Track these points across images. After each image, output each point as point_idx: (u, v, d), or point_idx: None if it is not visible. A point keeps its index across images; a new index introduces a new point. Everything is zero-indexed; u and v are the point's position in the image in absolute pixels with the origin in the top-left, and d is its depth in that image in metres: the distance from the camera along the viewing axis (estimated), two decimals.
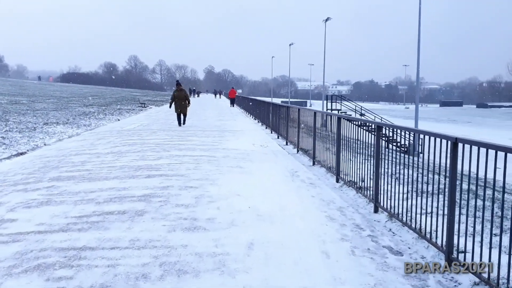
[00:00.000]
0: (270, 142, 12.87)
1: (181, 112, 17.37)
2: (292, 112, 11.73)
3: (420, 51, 30.55)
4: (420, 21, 30.11)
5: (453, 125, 58.73)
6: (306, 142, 9.94)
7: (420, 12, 29.99)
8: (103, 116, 24.64)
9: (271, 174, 7.65)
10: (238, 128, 17.40)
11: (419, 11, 29.95)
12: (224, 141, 12.64)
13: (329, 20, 55.65)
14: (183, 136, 13.48)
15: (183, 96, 17.29)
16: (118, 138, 13.32)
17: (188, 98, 17.53)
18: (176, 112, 17.49)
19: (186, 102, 17.40)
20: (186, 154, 9.69)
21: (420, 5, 29.37)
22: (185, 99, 17.34)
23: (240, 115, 26.78)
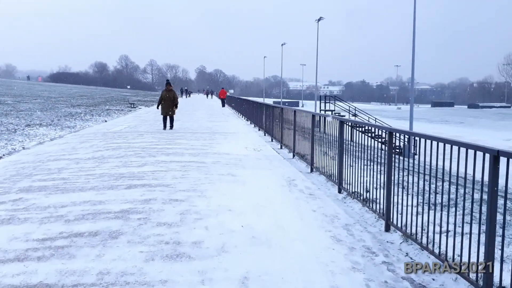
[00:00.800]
0: (264, 145, 12.16)
1: (167, 115, 16.04)
2: (287, 114, 11.03)
3: (415, 52, 30.03)
4: (415, 22, 29.63)
5: (446, 126, 58.45)
6: (303, 146, 9.25)
7: (415, 13, 29.50)
8: (90, 117, 23.78)
9: (266, 183, 6.94)
10: (230, 130, 16.67)
11: (414, 13, 29.45)
12: (215, 144, 11.91)
13: (321, 20, 55.14)
14: (171, 139, 12.73)
15: (171, 97, 16.01)
16: (102, 141, 12.53)
17: (176, 100, 16.16)
18: (162, 114, 16.21)
19: (173, 104, 16.03)
20: (173, 160, 8.94)
21: (415, 7, 28.85)
22: (173, 101, 15.99)
23: (232, 116, 26.06)
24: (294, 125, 9.89)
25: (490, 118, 75.14)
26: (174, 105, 16.01)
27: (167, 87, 16.30)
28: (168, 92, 16.16)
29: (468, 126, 58.30)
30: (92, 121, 21.28)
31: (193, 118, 23.55)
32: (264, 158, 9.79)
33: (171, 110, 15.95)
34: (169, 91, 16.19)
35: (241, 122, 21.38)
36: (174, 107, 16.03)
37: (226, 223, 4.72)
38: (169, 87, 16.28)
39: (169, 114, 15.99)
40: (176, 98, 16.20)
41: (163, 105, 16.04)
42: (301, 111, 9.76)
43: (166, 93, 16.11)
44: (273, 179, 7.35)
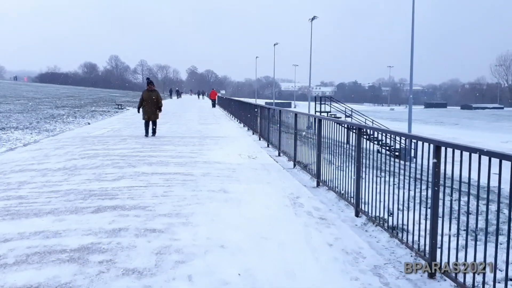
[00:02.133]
0: (260, 152, 10.96)
1: (150, 119, 13.74)
2: (286, 117, 9.84)
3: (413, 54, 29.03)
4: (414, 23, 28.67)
5: (441, 127, 57.80)
6: (306, 155, 8.05)
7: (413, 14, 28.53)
8: (73, 119, 22.40)
9: (265, 202, 5.73)
10: (221, 134, 15.44)
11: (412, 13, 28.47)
12: (205, 151, 10.69)
13: (315, 19, 54.12)
14: (156, 145, 11.48)
15: (154, 99, 13.78)
16: (79, 147, 11.25)
17: (160, 102, 14.02)
18: (144, 119, 13.84)
19: (157, 107, 13.85)
20: (156, 171, 7.71)
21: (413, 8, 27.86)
22: (156, 103, 13.78)
23: (223, 118, 24.82)
24: (295, 130, 8.70)
25: (484, 120, 74.68)
26: (157, 108, 13.90)
27: (149, 87, 14.04)
28: (151, 92, 13.94)
29: (464, 128, 57.67)
30: (74, 124, 19.93)
31: (182, 120, 22.29)
32: (261, 167, 8.59)
33: (154, 114, 13.79)
34: (152, 91, 13.98)
35: (234, 125, 20.17)
36: (157, 111, 13.94)
37: (217, 269, 3.51)
38: (151, 87, 14.04)
39: (152, 118, 13.78)
40: (160, 100, 14.08)
41: (145, 108, 13.80)
42: (303, 115, 8.58)
43: (148, 94, 13.87)
44: (274, 196, 6.15)
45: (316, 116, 7.32)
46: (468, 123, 67.50)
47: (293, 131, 9.26)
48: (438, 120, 72.34)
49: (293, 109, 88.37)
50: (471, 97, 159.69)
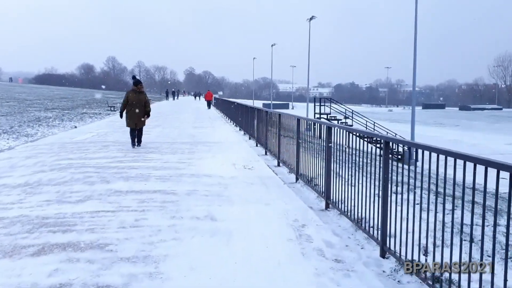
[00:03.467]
0: (257, 161, 9.71)
1: (136, 127, 11.46)
2: (288, 122, 8.60)
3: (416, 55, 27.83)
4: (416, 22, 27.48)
5: (442, 129, 56.69)
6: (311, 168, 6.80)
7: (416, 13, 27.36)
8: (59, 122, 21.11)
9: (264, 236, 4.47)
10: (215, 138, 14.19)
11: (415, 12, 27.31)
12: (195, 160, 9.44)
13: (313, 19, 52.93)
14: (140, 153, 10.23)
15: (141, 102, 11.47)
16: (54, 156, 9.99)
17: (148, 106, 11.68)
18: (128, 126, 11.52)
19: (144, 112, 11.56)
20: (131, 189, 6.45)
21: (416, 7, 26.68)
22: (143, 107, 11.50)
23: (219, 121, 23.55)
24: (298, 137, 7.44)
25: (484, 121, 73.72)
26: (145, 114, 11.60)
27: (137, 87, 11.59)
28: (138, 94, 11.54)
29: (465, 129, 56.55)
30: (60, 128, 18.64)
31: (175, 122, 21.03)
32: (258, 182, 7.33)
33: (141, 120, 11.50)
34: (139, 93, 11.56)
35: (229, 128, 18.91)
36: (145, 116, 11.63)
37: None
38: (139, 87, 11.61)
39: (138, 125, 11.48)
40: (148, 103, 11.71)
41: (129, 113, 11.42)
42: (308, 121, 7.31)
43: (134, 96, 11.46)
44: (274, 224, 4.90)
45: (325, 123, 6.06)
46: (468, 124, 66.48)
47: (294, 137, 8.03)
48: (437, 122, 71.26)
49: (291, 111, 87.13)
50: (468, 98, 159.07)
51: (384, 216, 4.05)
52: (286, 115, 8.75)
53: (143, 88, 11.75)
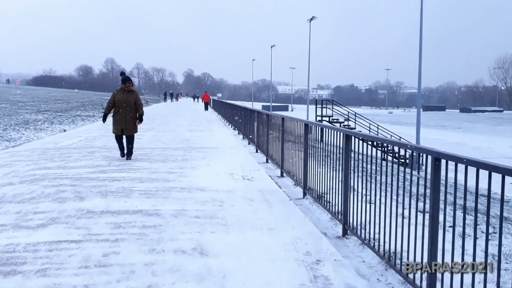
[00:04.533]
0: (257, 170, 8.65)
1: (125, 134, 9.43)
2: (293, 127, 7.54)
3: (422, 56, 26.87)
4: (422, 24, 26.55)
5: (444, 132, 55.76)
6: (321, 180, 5.75)
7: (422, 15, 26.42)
8: (48, 125, 20.05)
9: (269, 281, 3.41)
10: (212, 143, 13.13)
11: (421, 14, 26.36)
12: (187, 169, 8.39)
13: (314, 20, 51.93)
14: (128, 162, 9.16)
15: (131, 103, 9.44)
16: (31, 164, 8.93)
17: (140, 107, 9.62)
18: (114, 132, 9.52)
19: (135, 115, 9.54)
20: (108, 209, 5.39)
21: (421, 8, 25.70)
22: (134, 109, 9.49)
23: (216, 124, 22.49)
24: (306, 147, 6.39)
25: (486, 123, 72.84)
26: (136, 118, 9.59)
27: (125, 85, 9.54)
28: (127, 94, 9.48)
29: (467, 132, 55.60)
30: (47, 131, 17.58)
31: (170, 126, 19.97)
32: (259, 197, 6.28)
33: (131, 126, 9.46)
34: (128, 92, 9.49)
35: (227, 132, 17.85)
36: (137, 121, 9.62)
37: None
38: (129, 85, 9.53)
39: (128, 132, 9.41)
40: (140, 105, 9.64)
41: (116, 116, 9.44)
42: (319, 126, 6.25)
43: (122, 96, 9.44)
44: (280, 260, 3.85)
45: (343, 130, 5.00)
46: (470, 126, 65.59)
47: (301, 144, 7.00)
48: (439, 124, 70.33)
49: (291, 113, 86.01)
50: (468, 100, 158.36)
51: (433, 251, 3.01)
52: (291, 119, 7.69)
53: (133, 86, 9.73)
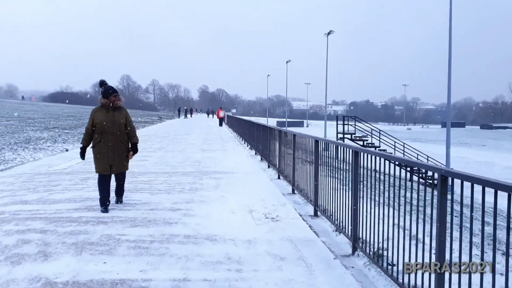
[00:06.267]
0: (282, 204, 6.91)
1: (113, 172, 6.39)
2: (330, 151, 5.79)
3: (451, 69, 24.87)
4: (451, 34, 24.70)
5: (469, 150, 53.21)
6: (380, 228, 3.99)
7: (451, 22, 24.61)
8: (51, 144, 18.59)
9: None
10: (226, 166, 11.43)
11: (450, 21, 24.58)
12: (196, 204, 6.69)
13: (331, 34, 50.40)
14: (125, 189, 7.50)
15: (118, 125, 6.30)
16: (6, 196, 7.35)
17: (133, 132, 6.52)
18: (98, 171, 6.32)
19: (127, 144, 6.48)
20: (76, 277, 3.69)
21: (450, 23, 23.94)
22: (124, 134, 6.39)
23: (231, 142, 20.80)
24: (356, 182, 4.64)
25: (510, 140, 69.89)
26: (128, 148, 6.52)
27: (110, 100, 6.33)
28: (112, 113, 6.32)
29: (494, 150, 52.99)
30: (48, 151, 16.10)
31: (181, 144, 18.36)
32: (291, 254, 4.53)
33: (120, 159, 6.38)
34: (115, 110, 6.36)
35: (243, 152, 16.15)
36: (129, 153, 6.54)
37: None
38: (114, 100, 6.33)
39: (116, 170, 6.37)
40: (133, 128, 6.55)
41: (99, 147, 6.24)
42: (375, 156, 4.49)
43: (106, 116, 6.27)
44: None
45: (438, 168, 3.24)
46: (495, 144, 62.88)
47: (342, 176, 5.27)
48: (461, 141, 67.63)
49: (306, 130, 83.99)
50: (487, 116, 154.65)
51: None
52: (329, 143, 5.95)
53: (120, 101, 6.37)
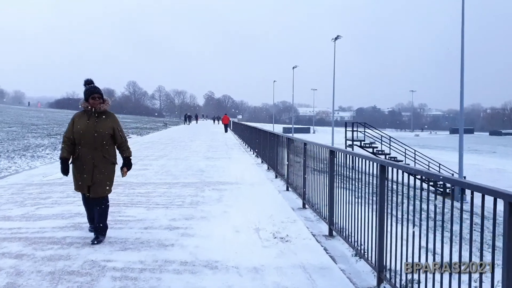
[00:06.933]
0: (292, 221, 6.20)
1: (91, 195, 5.00)
2: (347, 162, 5.07)
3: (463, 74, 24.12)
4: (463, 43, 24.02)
5: (479, 156, 52.16)
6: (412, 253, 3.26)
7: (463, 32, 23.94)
8: (50, 151, 17.99)
9: None
10: (231, 176, 10.74)
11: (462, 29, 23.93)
12: (196, 221, 6.01)
13: (338, 39, 49.77)
14: (117, 207, 6.81)
15: (103, 134, 4.97)
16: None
17: (123, 143, 5.18)
18: (78, 189, 5.06)
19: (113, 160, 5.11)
20: None
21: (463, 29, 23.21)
22: (109, 146, 5.07)
23: (236, 149, 20.10)
24: (382, 193, 3.92)
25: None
26: (113, 163, 5.14)
27: (91, 103, 5.00)
28: (95, 119, 5.02)
29: (504, 157, 51.89)
30: (45, 159, 15.48)
31: (185, 152, 17.70)
32: (305, 286, 3.82)
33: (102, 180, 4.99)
34: (98, 116, 5.05)
35: (249, 160, 15.45)
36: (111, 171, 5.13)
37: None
38: (95, 104, 5.00)
39: (95, 192, 4.99)
40: (123, 139, 5.20)
41: (78, 161, 4.95)
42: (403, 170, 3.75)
43: (86, 124, 4.97)
44: None
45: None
46: (505, 151, 61.77)
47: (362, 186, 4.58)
48: (471, 148, 66.39)
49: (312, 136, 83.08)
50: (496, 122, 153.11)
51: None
52: (349, 154, 5.23)
53: (105, 103, 5.11)
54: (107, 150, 5.07)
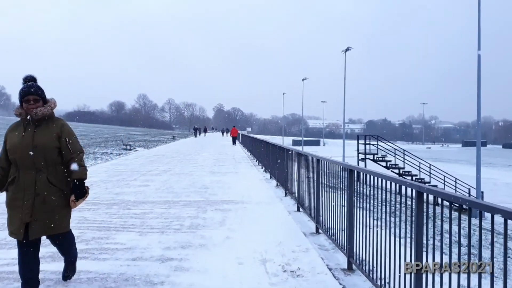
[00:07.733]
0: (305, 250, 5.37)
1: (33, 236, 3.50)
2: (369, 182, 4.26)
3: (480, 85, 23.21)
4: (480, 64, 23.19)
5: (493, 170, 50.94)
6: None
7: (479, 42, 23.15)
8: None
9: None
10: (236, 194, 9.93)
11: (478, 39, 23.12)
12: (194, 250, 5.20)
13: (349, 50, 49.07)
14: (102, 231, 6.03)
15: (37, 151, 3.54)
16: None
17: (74, 158, 3.66)
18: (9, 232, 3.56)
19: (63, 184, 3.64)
20: None
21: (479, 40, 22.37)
22: (53, 169, 3.61)
23: (244, 163, 19.27)
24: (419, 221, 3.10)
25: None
26: (63, 189, 3.65)
27: (25, 107, 3.64)
28: (33, 130, 3.64)
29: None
30: None
31: (190, 166, 16.95)
32: None
33: (47, 214, 3.55)
34: (38, 123, 3.66)
35: (257, 175, 14.61)
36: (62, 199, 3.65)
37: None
38: (31, 108, 3.63)
39: (40, 231, 3.55)
40: (74, 153, 3.69)
41: (10, 189, 3.57)
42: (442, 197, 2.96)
43: (22, 137, 3.59)
44: None
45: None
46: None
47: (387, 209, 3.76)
48: (485, 161, 64.75)
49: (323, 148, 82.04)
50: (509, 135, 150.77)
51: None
52: (369, 173, 4.41)
53: (46, 107, 3.74)
54: (54, 172, 3.63)
